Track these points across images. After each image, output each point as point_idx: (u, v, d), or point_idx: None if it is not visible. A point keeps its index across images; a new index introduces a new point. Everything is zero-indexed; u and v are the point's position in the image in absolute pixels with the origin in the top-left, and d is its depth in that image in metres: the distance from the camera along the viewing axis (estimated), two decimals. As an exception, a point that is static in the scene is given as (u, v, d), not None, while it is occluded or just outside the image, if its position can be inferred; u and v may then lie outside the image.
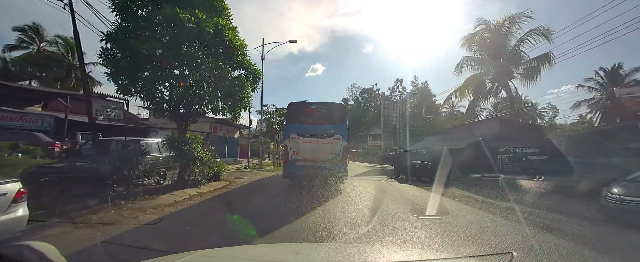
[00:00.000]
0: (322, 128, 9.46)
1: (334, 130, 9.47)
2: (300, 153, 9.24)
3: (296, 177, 9.75)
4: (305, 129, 9.44)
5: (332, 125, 9.54)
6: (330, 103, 10.50)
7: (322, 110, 9.85)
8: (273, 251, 1.94)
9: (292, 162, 9.30)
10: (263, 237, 4.08)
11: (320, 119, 9.58)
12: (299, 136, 9.37)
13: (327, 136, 9.41)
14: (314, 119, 9.58)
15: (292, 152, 9.30)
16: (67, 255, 0.90)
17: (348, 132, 10.18)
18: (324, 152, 9.26)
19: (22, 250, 0.80)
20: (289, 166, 9.44)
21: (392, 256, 1.75)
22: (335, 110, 10.05)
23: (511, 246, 3.88)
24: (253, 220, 4.98)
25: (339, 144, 9.38)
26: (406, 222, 5.19)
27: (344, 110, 10.76)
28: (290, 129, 9.74)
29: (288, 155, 9.39)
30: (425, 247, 3.80)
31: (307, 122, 9.53)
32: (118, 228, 4.47)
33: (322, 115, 9.69)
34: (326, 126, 9.50)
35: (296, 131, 9.46)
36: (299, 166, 9.19)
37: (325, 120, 9.59)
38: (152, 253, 3.33)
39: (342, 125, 9.72)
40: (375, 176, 15.84)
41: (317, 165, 9.13)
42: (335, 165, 9.26)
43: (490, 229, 4.76)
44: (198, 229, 4.53)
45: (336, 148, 9.34)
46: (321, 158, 9.18)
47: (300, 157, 9.20)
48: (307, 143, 9.31)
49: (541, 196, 8.61)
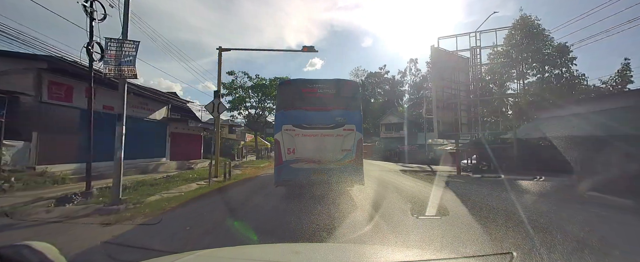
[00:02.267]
0: (328, 115, 7.05)
1: (345, 117, 7.03)
2: (299, 151, 6.88)
3: (294, 186, 7.27)
4: (304, 117, 7.00)
5: (341, 111, 7.07)
6: (338, 80, 7.69)
7: (326, 90, 7.33)
8: (273, 251, 1.94)
9: (286, 164, 6.84)
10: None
11: (324, 103, 7.15)
12: (295, 127, 6.92)
13: (335, 125, 6.98)
14: (316, 103, 7.14)
15: (287, 150, 6.87)
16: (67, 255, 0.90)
17: (362, 119, 7.55)
18: (332, 149, 6.92)
19: (22, 250, 0.80)
20: (282, 169, 6.87)
21: (392, 256, 1.75)
22: (344, 89, 7.46)
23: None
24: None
25: (352, 136, 6.97)
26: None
27: (355, 89, 7.91)
28: (282, 118, 7.10)
29: (281, 154, 6.89)
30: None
31: (307, 108, 7.07)
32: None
33: (326, 98, 7.22)
34: (333, 112, 7.06)
35: (291, 120, 6.99)
36: (296, 170, 6.83)
37: (332, 105, 7.13)
38: (152, 253, 3.33)
39: (355, 110, 7.24)
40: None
41: (323, 167, 6.84)
42: (347, 167, 6.89)
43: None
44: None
45: (348, 143, 6.96)
46: (328, 157, 6.88)
47: (298, 157, 6.86)
48: (307, 137, 6.94)
49: None
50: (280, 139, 6.96)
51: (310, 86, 7.45)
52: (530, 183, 10.19)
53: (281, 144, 6.94)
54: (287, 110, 7.17)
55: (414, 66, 45.21)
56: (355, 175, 6.90)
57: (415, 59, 45.96)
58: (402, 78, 46.96)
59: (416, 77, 45.06)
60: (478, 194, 8.11)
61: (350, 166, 6.91)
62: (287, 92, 7.56)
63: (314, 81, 7.62)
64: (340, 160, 6.92)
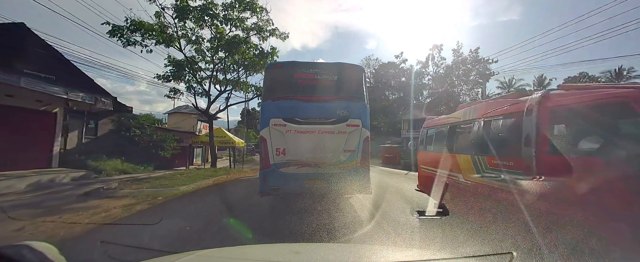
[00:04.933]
0: (328, 107, 5.70)
1: (348, 110, 5.71)
2: (290, 152, 5.53)
3: (283, 195, 5.87)
4: (297, 109, 5.64)
5: (344, 103, 5.74)
6: (340, 63, 6.24)
7: (325, 75, 5.96)
8: (273, 251, 1.94)
9: (274, 168, 5.47)
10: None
11: (323, 92, 5.79)
12: (286, 122, 5.56)
13: (337, 120, 5.65)
14: (313, 93, 5.77)
15: (276, 150, 5.51)
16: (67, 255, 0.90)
17: (369, 113, 6.12)
18: (333, 150, 5.59)
19: (22, 250, 0.80)
20: (269, 175, 5.50)
21: (392, 256, 1.75)
22: (347, 75, 6.05)
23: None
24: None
25: (357, 134, 5.67)
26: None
27: (360, 75, 6.29)
28: (270, 110, 5.71)
29: (268, 156, 5.52)
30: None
31: (301, 98, 5.70)
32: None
33: (326, 86, 5.87)
34: (334, 104, 5.72)
35: (282, 113, 5.61)
36: (287, 175, 5.48)
37: (333, 94, 5.80)
38: (152, 253, 3.33)
39: (360, 101, 5.90)
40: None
41: (321, 172, 5.51)
42: (351, 171, 5.57)
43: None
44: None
45: (352, 141, 5.65)
46: (328, 160, 5.56)
47: (289, 160, 5.52)
48: (301, 134, 5.58)
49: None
50: (267, 136, 5.56)
51: (305, 71, 5.99)
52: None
53: (268, 143, 5.54)
54: (276, 100, 5.75)
55: (438, 54, 36.19)
56: (361, 181, 5.59)
57: (440, 45, 36.06)
58: (423, 68, 38.99)
59: (439, 67, 37.55)
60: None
61: (354, 170, 5.60)
62: (276, 78, 6.11)
63: (310, 65, 6.21)
64: (343, 163, 5.60)
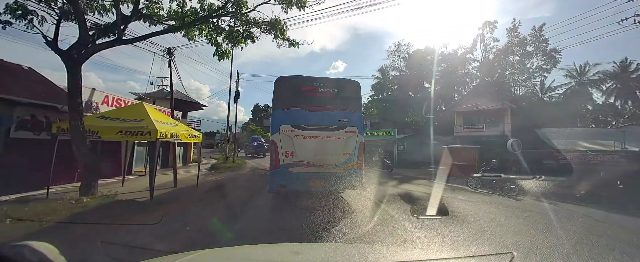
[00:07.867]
0: (330, 116, 6.83)
1: (347, 118, 6.86)
2: (298, 154, 6.57)
3: (291, 192, 7.06)
4: (304, 117, 6.73)
5: (343, 112, 6.91)
6: (339, 79, 7.54)
7: (327, 89, 7.14)
8: (272, 251, 1.94)
9: (284, 168, 6.54)
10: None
11: (325, 103, 6.94)
12: (294, 128, 6.63)
13: (338, 127, 6.79)
14: (317, 103, 6.91)
15: (285, 152, 6.58)
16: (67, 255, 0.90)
17: (364, 122, 7.69)
18: (333, 153, 6.69)
19: (22, 250, 0.80)
20: (279, 174, 6.57)
21: (392, 256, 1.75)
22: (346, 89, 7.27)
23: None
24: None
25: (354, 139, 6.83)
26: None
27: (358, 89, 7.64)
28: (280, 118, 6.80)
29: (278, 157, 6.60)
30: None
31: (307, 107, 6.82)
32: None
33: (327, 98, 7.04)
34: (335, 113, 6.87)
35: (290, 121, 6.69)
36: (295, 175, 6.53)
37: (334, 105, 6.96)
38: (152, 253, 3.34)
39: (356, 111, 7.16)
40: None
41: (323, 172, 6.58)
42: (348, 172, 6.71)
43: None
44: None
45: (350, 145, 6.79)
46: (329, 161, 6.64)
47: (297, 161, 6.57)
48: (307, 139, 6.65)
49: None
50: (277, 140, 6.63)
51: (310, 84, 7.13)
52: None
53: (279, 146, 6.61)
54: (286, 109, 6.85)
55: (490, 31, 28.87)
56: (356, 180, 6.77)
57: (493, 21, 29.05)
58: (468, 54, 31.65)
59: (489, 53, 29.64)
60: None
61: (351, 171, 6.73)
62: (285, 90, 7.15)
63: (313, 79, 7.30)
64: (342, 164, 6.70)
